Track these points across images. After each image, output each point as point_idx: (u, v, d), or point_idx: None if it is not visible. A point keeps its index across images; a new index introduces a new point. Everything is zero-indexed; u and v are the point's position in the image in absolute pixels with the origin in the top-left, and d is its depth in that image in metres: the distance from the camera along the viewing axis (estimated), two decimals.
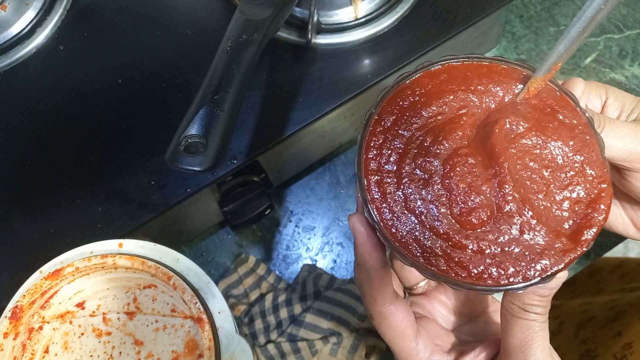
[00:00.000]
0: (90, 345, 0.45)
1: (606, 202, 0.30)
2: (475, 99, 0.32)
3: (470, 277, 0.29)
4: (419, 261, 0.30)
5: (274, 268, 0.67)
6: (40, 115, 0.53)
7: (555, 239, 0.29)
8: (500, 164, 0.30)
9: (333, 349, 0.60)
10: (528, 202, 0.30)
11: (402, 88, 0.33)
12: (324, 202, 0.70)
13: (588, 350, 0.60)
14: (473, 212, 0.30)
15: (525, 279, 0.29)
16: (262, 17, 0.43)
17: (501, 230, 0.30)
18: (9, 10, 0.55)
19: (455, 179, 0.30)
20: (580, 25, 0.27)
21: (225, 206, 0.58)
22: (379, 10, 0.56)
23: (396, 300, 0.34)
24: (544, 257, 0.29)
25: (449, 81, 0.33)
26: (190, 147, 0.36)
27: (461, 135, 0.31)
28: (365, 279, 0.34)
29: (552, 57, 0.29)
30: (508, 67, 0.33)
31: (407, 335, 0.34)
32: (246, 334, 0.62)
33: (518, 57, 0.76)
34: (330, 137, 0.66)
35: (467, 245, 0.30)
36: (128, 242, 0.45)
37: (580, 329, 0.63)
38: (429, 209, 0.30)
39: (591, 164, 0.30)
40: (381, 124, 0.32)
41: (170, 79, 0.55)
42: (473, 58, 0.33)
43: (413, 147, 0.31)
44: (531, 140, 0.31)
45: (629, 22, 0.77)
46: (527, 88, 0.32)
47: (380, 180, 0.31)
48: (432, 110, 0.32)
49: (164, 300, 0.46)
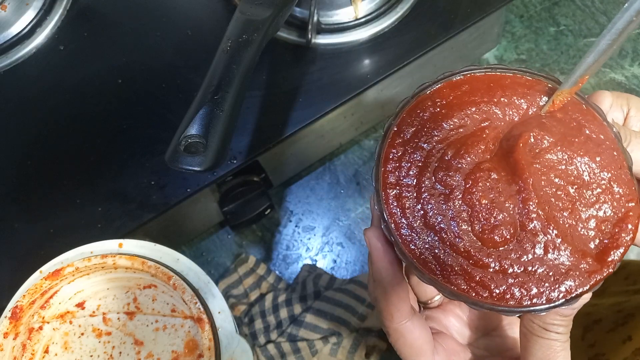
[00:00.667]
0: (90, 345, 0.45)
1: (634, 221, 0.29)
2: (498, 112, 0.31)
3: (491, 297, 0.28)
4: (438, 279, 0.29)
5: (274, 268, 0.67)
6: (40, 115, 0.53)
7: (581, 259, 0.28)
8: (525, 179, 0.29)
9: (333, 349, 0.60)
10: (553, 220, 0.29)
11: (423, 99, 0.32)
12: (324, 202, 0.70)
13: (597, 354, 0.59)
14: (495, 230, 0.29)
15: (548, 301, 0.28)
16: (262, 17, 0.43)
17: (525, 249, 0.28)
18: (9, 10, 0.55)
19: (478, 195, 0.29)
20: (610, 37, 0.26)
21: (225, 206, 0.58)
22: (379, 10, 0.56)
23: (413, 317, 0.33)
24: (569, 278, 0.28)
25: (471, 92, 0.31)
26: (190, 147, 0.36)
27: (483, 149, 0.30)
28: (382, 295, 0.33)
29: (580, 69, 0.28)
30: (533, 79, 0.32)
31: (424, 353, 0.34)
32: (246, 334, 0.62)
33: (518, 57, 0.76)
34: (330, 137, 0.66)
35: (488, 264, 0.28)
36: (128, 242, 0.45)
37: (587, 331, 0.63)
38: (450, 225, 0.29)
39: (619, 181, 0.29)
40: (400, 136, 0.31)
41: (170, 79, 0.55)
42: (496, 69, 0.32)
43: (433, 160, 0.30)
44: (556, 156, 0.29)
45: None
46: (552, 101, 0.30)
47: (399, 194, 0.30)
48: (453, 123, 0.31)
49: (164, 300, 0.46)
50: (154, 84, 0.54)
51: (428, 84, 0.32)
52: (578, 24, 0.77)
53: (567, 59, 0.76)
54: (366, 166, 0.72)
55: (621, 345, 0.57)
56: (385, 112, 0.69)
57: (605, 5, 0.78)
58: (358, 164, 0.71)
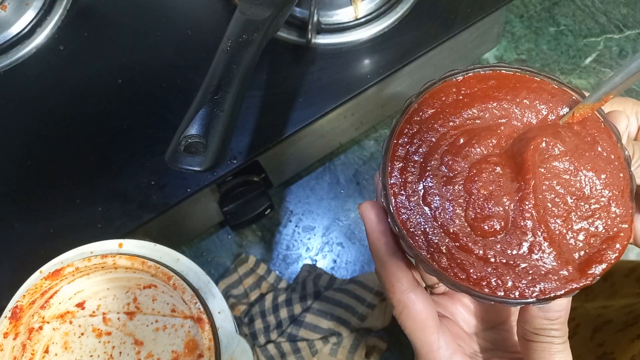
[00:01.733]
0: (90, 345, 0.45)
1: (622, 242, 0.30)
2: (518, 112, 0.32)
3: (468, 280, 0.29)
4: (422, 254, 0.30)
5: (274, 268, 0.67)
6: (40, 115, 0.53)
7: (563, 265, 0.29)
8: (527, 180, 0.30)
9: (333, 349, 0.60)
10: (545, 223, 0.30)
11: (449, 84, 0.33)
12: (324, 202, 0.70)
13: (605, 353, 0.59)
14: (487, 220, 0.30)
15: (521, 296, 0.29)
16: (262, 17, 0.43)
17: (511, 243, 0.30)
18: (9, 10, 0.55)
19: (478, 184, 0.30)
20: None
21: (225, 206, 0.58)
22: (379, 10, 0.56)
23: (416, 289, 0.34)
24: (546, 280, 0.29)
25: (496, 88, 0.32)
26: (190, 147, 0.36)
27: (495, 144, 0.31)
28: (381, 266, 0.33)
29: (606, 87, 0.29)
30: (559, 88, 0.32)
31: (428, 327, 0.34)
32: (246, 334, 0.62)
33: (518, 57, 0.76)
34: (330, 137, 0.66)
35: (473, 250, 0.30)
36: (128, 242, 0.45)
37: (596, 332, 0.63)
38: (445, 206, 0.30)
39: (618, 202, 0.30)
40: (419, 114, 0.32)
41: (170, 79, 0.55)
42: (526, 71, 0.33)
43: (444, 143, 0.31)
44: (564, 165, 0.30)
45: (629, 22, 0.77)
46: (572, 113, 0.31)
47: (404, 167, 0.31)
48: (472, 113, 0.32)
49: (164, 300, 0.46)
50: (154, 84, 0.54)
51: (457, 71, 0.33)
52: (578, 24, 0.77)
53: (567, 59, 0.76)
54: (366, 166, 0.72)
55: (629, 343, 0.57)
56: (385, 112, 0.69)
57: (605, 5, 0.78)
58: (358, 164, 0.71)
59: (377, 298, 0.62)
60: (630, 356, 0.56)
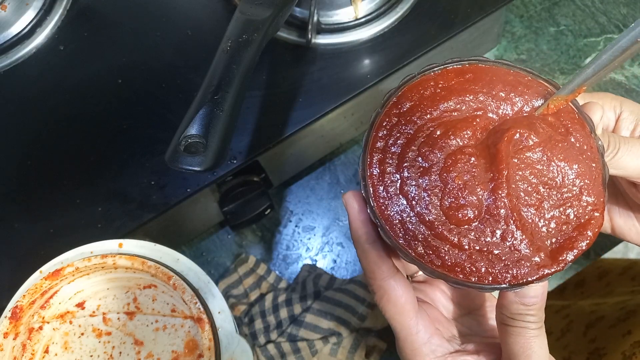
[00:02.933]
0: (90, 345, 0.45)
1: (593, 230, 0.30)
2: (494, 104, 0.33)
3: (443, 267, 0.30)
4: (399, 242, 0.31)
5: (274, 268, 0.67)
6: (40, 115, 0.53)
7: (535, 252, 0.30)
8: (500, 170, 0.30)
9: (333, 349, 0.60)
10: (517, 211, 0.30)
11: (427, 78, 0.33)
12: (324, 202, 0.70)
13: (597, 348, 0.60)
14: (461, 209, 0.31)
15: (494, 282, 0.30)
16: (262, 17, 0.43)
17: (484, 231, 0.31)
18: (9, 10, 0.55)
19: (453, 174, 0.31)
20: (612, 53, 0.27)
21: (225, 206, 0.58)
22: (379, 10, 0.56)
23: (396, 275, 0.35)
24: (519, 267, 0.30)
25: (473, 81, 0.33)
26: (190, 147, 0.36)
27: (470, 135, 0.32)
28: (362, 253, 0.35)
29: (579, 78, 0.29)
30: (534, 80, 0.33)
31: (407, 312, 0.35)
32: (246, 334, 0.62)
33: (518, 57, 0.76)
34: (330, 137, 0.66)
35: (447, 237, 0.31)
36: (128, 242, 0.45)
37: (589, 328, 0.64)
38: (421, 196, 0.31)
39: (590, 190, 0.31)
40: (398, 107, 0.33)
41: (170, 79, 0.55)
42: (503, 64, 0.33)
43: (422, 135, 0.32)
44: (537, 155, 0.31)
45: (629, 22, 0.77)
46: (547, 104, 0.32)
47: (383, 159, 0.32)
48: (449, 106, 0.33)
49: (164, 300, 0.46)
50: (154, 84, 0.54)
51: (435, 65, 0.34)
52: (578, 24, 0.77)
53: (567, 59, 0.76)
54: None
55: (620, 339, 0.57)
56: None
57: (605, 5, 0.78)
58: (358, 164, 0.71)
59: None
60: (621, 351, 0.56)
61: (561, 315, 0.71)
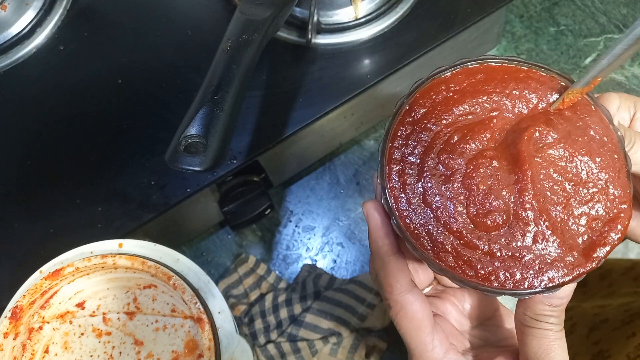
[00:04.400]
0: (90, 345, 0.45)
1: (624, 222, 0.30)
2: (509, 103, 0.32)
3: (476, 276, 0.29)
4: (429, 254, 0.30)
5: (274, 268, 0.67)
6: (40, 115, 0.53)
7: (567, 252, 0.29)
8: (524, 171, 0.30)
9: (333, 349, 0.60)
10: (546, 212, 0.30)
11: (438, 82, 0.33)
12: (324, 202, 0.70)
13: (600, 350, 0.60)
14: (489, 215, 0.30)
15: (530, 287, 0.29)
16: (262, 17, 0.43)
17: (514, 236, 0.30)
18: (9, 10, 0.55)
19: (477, 180, 0.30)
20: (626, 42, 0.27)
21: (225, 206, 0.58)
22: (379, 10, 0.56)
23: (413, 290, 0.34)
24: (553, 268, 0.29)
25: (485, 81, 0.32)
26: (190, 147, 0.36)
27: (489, 138, 0.31)
28: (381, 266, 0.33)
29: (594, 70, 0.29)
30: (547, 75, 0.32)
31: (424, 327, 0.34)
32: (246, 334, 0.62)
33: None
34: (330, 137, 0.66)
35: (478, 246, 0.30)
36: (128, 242, 0.45)
37: (593, 330, 0.63)
38: (446, 205, 0.30)
39: (615, 183, 0.30)
40: (411, 115, 0.32)
41: (170, 79, 0.55)
42: (513, 61, 0.33)
43: (439, 142, 0.31)
44: (558, 152, 0.30)
45: (629, 22, 0.77)
46: (562, 99, 0.31)
47: (402, 170, 0.31)
48: (463, 109, 0.32)
49: (164, 300, 0.46)
50: (154, 84, 0.54)
51: (445, 67, 0.33)
52: (578, 24, 0.77)
53: (567, 59, 0.76)
54: (366, 166, 0.72)
55: (625, 341, 0.57)
56: (385, 112, 0.69)
57: (605, 5, 0.78)
58: (358, 164, 0.71)
59: (377, 298, 0.62)
60: (625, 354, 0.56)
61: (564, 318, 0.71)
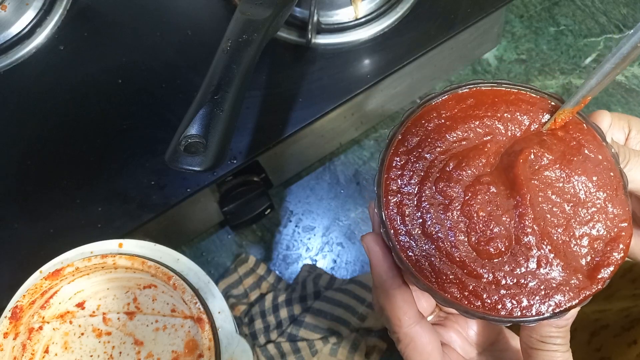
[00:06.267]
0: (90, 345, 0.45)
1: (625, 241, 0.29)
2: (501, 127, 0.32)
3: (483, 307, 0.29)
4: (433, 286, 0.30)
5: (274, 268, 0.67)
6: (40, 115, 0.53)
7: (572, 274, 0.29)
8: (523, 195, 0.29)
9: (333, 349, 0.60)
10: (547, 235, 0.29)
11: (428, 109, 0.32)
12: (324, 202, 0.70)
13: (602, 357, 0.59)
14: (491, 242, 0.29)
15: (538, 313, 0.29)
16: (262, 17, 0.43)
17: (518, 262, 0.29)
18: (9, 10, 0.55)
19: (476, 207, 0.30)
20: (614, 60, 0.27)
21: (225, 206, 0.58)
22: (379, 10, 0.56)
23: (422, 321, 0.33)
24: (559, 293, 0.29)
25: (475, 106, 0.32)
26: (190, 147, 0.36)
27: (484, 163, 0.31)
28: (386, 300, 0.33)
29: (583, 89, 0.29)
30: (537, 97, 0.32)
31: (433, 359, 0.33)
32: (246, 334, 0.62)
33: (518, 57, 0.76)
34: (330, 137, 0.66)
35: (482, 275, 0.29)
36: (128, 242, 0.45)
37: (594, 336, 0.63)
38: (447, 234, 0.30)
39: (613, 201, 0.30)
40: (404, 144, 0.32)
41: (170, 79, 0.55)
42: (502, 84, 0.33)
43: (435, 170, 0.31)
44: (555, 173, 0.30)
45: (629, 22, 0.77)
46: (554, 119, 0.31)
47: (400, 201, 0.31)
48: (456, 135, 0.32)
49: (164, 300, 0.46)
50: (154, 84, 0.54)
51: (435, 94, 0.33)
52: (578, 24, 0.77)
53: (567, 59, 0.76)
54: (366, 166, 0.72)
55: (626, 348, 0.57)
56: (385, 112, 0.69)
57: (605, 5, 0.78)
58: (358, 164, 0.71)
59: None
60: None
61: None
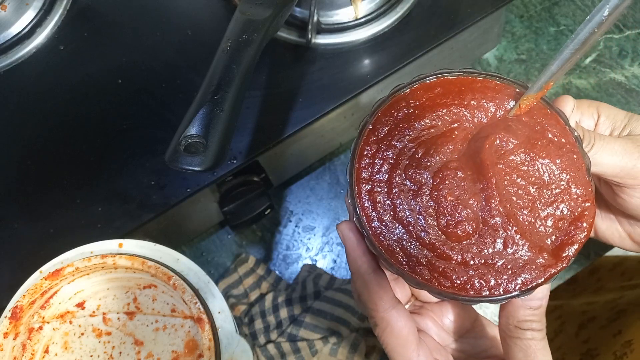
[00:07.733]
0: (90, 345, 0.45)
1: (588, 220, 0.31)
2: (468, 114, 0.33)
3: (453, 287, 0.30)
4: (404, 269, 0.31)
5: (274, 268, 0.67)
6: (40, 115, 0.53)
7: (538, 254, 0.30)
8: (489, 179, 0.31)
9: (333, 349, 0.60)
10: (513, 217, 0.31)
11: (398, 99, 0.33)
12: (324, 202, 0.70)
13: (589, 349, 0.60)
14: (459, 225, 0.31)
15: (505, 292, 0.30)
16: (262, 17, 0.43)
17: (485, 243, 0.31)
18: (9, 10, 0.55)
19: (444, 192, 0.31)
20: (573, 47, 0.28)
21: (225, 206, 0.58)
22: (379, 10, 0.56)
23: (397, 305, 0.34)
24: (526, 271, 0.30)
25: (443, 95, 0.33)
26: (190, 147, 0.36)
27: (452, 149, 0.32)
28: (362, 285, 0.34)
29: (545, 76, 0.30)
30: (501, 84, 0.33)
31: (409, 343, 0.34)
32: (246, 334, 0.62)
33: (518, 57, 0.76)
34: (330, 137, 0.66)
35: (451, 257, 0.30)
36: (128, 242, 0.45)
37: (581, 328, 0.64)
38: (417, 219, 0.31)
39: (577, 182, 0.31)
40: (375, 134, 0.33)
41: (170, 79, 0.55)
42: (468, 72, 0.34)
43: (405, 158, 0.32)
44: (520, 157, 0.31)
45: (629, 22, 0.77)
46: (518, 105, 0.32)
47: (371, 189, 0.32)
48: (425, 123, 0.33)
49: (164, 300, 0.46)
50: (154, 84, 0.54)
51: (403, 85, 0.34)
52: (578, 24, 0.77)
53: None
54: None
55: (612, 339, 0.58)
56: None
57: None
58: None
59: None
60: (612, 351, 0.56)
61: (554, 316, 0.71)
